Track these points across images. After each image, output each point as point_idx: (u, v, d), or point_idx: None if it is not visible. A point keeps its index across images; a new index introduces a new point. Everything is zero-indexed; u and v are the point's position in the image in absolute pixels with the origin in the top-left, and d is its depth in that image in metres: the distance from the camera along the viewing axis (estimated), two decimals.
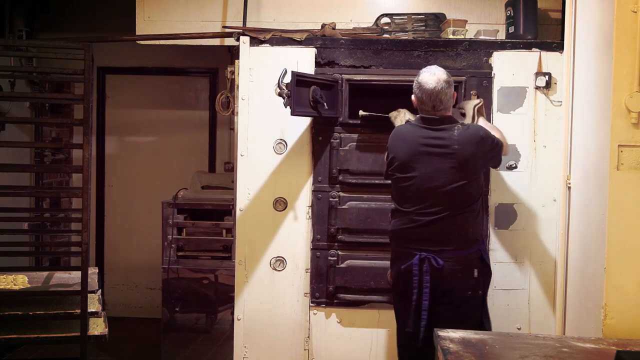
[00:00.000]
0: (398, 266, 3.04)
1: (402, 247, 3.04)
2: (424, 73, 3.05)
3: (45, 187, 5.39)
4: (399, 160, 3.03)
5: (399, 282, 3.06)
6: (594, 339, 2.51)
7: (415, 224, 2.98)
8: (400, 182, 3.04)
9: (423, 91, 3.01)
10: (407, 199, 3.02)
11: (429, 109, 3.03)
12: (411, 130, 3.08)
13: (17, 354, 4.65)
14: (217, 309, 4.53)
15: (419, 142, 3.01)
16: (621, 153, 2.62)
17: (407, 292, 2.99)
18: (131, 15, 4.15)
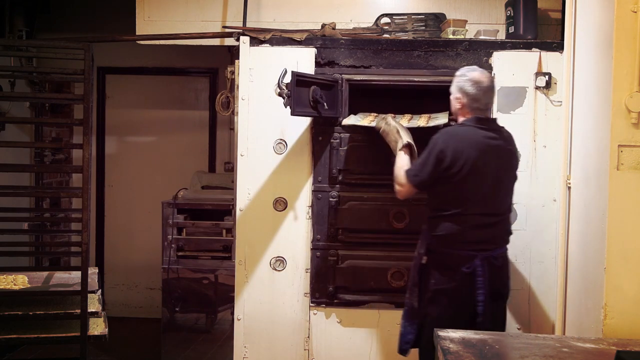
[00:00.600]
0: (453, 270, 2.94)
1: (456, 250, 2.94)
2: (474, 71, 3.03)
3: (45, 187, 5.39)
4: (467, 162, 2.89)
5: (455, 287, 2.95)
6: (594, 339, 2.51)
7: (477, 225, 2.94)
8: (464, 184, 2.91)
9: (480, 88, 2.98)
10: (471, 201, 2.93)
11: (482, 108, 3.00)
12: (472, 132, 2.97)
13: (17, 354, 4.66)
14: (217, 309, 4.53)
15: (484, 143, 2.96)
16: (621, 153, 2.62)
17: (462, 296, 2.94)
18: (131, 15, 4.15)
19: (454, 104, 3.08)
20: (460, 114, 3.07)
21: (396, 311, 3.49)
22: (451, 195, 2.95)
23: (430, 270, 3.00)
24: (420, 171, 2.94)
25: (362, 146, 3.48)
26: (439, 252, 2.98)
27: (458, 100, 3.03)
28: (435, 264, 2.99)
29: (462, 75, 3.04)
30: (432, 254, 3.00)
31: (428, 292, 2.99)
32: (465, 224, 2.93)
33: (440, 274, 2.96)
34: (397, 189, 3.02)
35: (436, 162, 2.90)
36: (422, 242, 3.05)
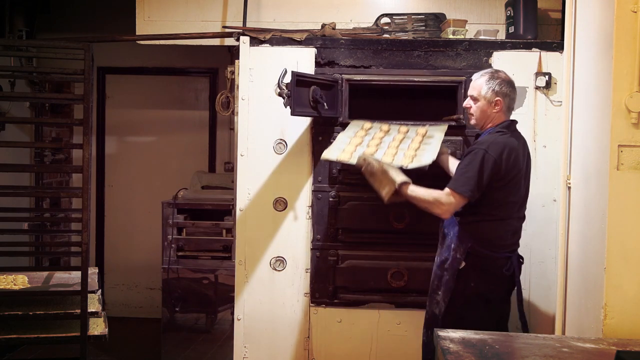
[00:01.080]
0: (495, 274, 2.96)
1: (496, 253, 2.96)
2: (501, 72, 3.02)
3: (45, 187, 5.39)
4: (518, 171, 2.96)
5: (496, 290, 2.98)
6: (594, 339, 2.51)
7: (514, 228, 3.02)
8: (510, 190, 2.95)
9: (514, 89, 3.02)
10: (512, 206, 2.99)
11: (513, 108, 3.03)
12: (514, 139, 2.98)
13: (17, 354, 4.66)
14: (217, 309, 4.53)
15: (523, 149, 3.01)
16: (621, 153, 2.62)
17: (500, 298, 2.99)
18: (131, 15, 4.15)
19: (485, 110, 3.00)
20: (491, 118, 3.01)
21: (396, 311, 3.50)
22: (496, 201, 2.94)
23: (469, 274, 2.94)
24: (471, 182, 2.86)
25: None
26: (479, 256, 2.94)
27: (497, 103, 2.98)
28: (474, 267, 2.94)
29: (493, 77, 2.99)
30: (470, 258, 2.94)
31: (463, 297, 2.95)
32: (506, 228, 2.98)
33: (481, 278, 2.94)
34: (443, 209, 2.89)
35: (490, 173, 2.86)
36: (457, 246, 2.96)
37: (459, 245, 2.96)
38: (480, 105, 3.01)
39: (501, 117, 3.01)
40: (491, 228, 2.96)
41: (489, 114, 3.01)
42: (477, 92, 3.02)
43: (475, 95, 3.03)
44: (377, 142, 3.23)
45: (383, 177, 2.94)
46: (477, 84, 3.03)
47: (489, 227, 2.96)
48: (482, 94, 3.00)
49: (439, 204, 2.88)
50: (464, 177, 2.89)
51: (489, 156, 2.86)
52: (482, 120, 3.04)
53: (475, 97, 3.03)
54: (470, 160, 2.89)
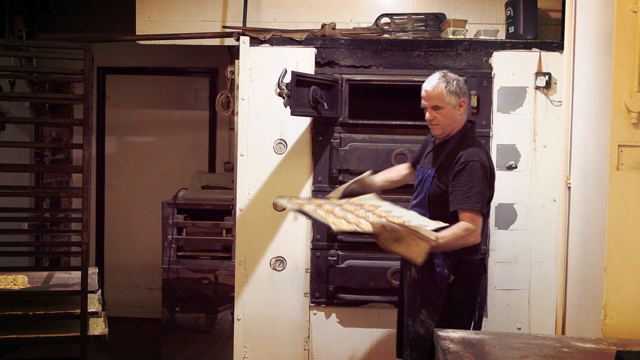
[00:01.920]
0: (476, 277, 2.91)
1: (478, 256, 2.91)
2: (449, 73, 2.94)
3: (45, 187, 5.39)
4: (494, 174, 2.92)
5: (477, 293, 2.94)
6: (594, 339, 2.51)
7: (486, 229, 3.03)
8: (493, 188, 2.92)
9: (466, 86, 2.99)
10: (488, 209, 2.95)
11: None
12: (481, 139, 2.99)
13: (17, 354, 4.65)
14: (217, 309, 4.53)
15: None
16: (621, 153, 2.62)
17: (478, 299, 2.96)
18: (131, 15, 4.15)
19: (452, 115, 2.89)
20: (457, 122, 2.91)
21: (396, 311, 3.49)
22: (485, 211, 2.88)
23: (455, 283, 2.84)
24: (482, 197, 2.78)
25: (362, 146, 3.48)
26: (466, 264, 2.85)
27: (461, 104, 2.90)
28: (461, 276, 2.85)
29: (448, 80, 2.88)
30: (459, 269, 2.84)
31: (451, 308, 2.85)
32: (485, 230, 2.98)
33: (466, 284, 2.86)
34: (476, 235, 2.75)
35: (490, 182, 2.85)
36: (442, 261, 2.82)
37: (445, 260, 2.82)
38: (446, 112, 2.88)
39: (464, 117, 2.94)
40: (477, 235, 2.82)
41: (455, 118, 2.90)
42: (439, 100, 2.87)
43: (438, 104, 2.88)
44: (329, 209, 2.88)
45: (411, 240, 2.59)
46: (435, 92, 2.88)
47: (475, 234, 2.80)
48: (446, 100, 2.86)
49: (472, 233, 2.73)
50: (474, 194, 2.75)
51: (484, 167, 2.81)
52: (449, 127, 2.91)
53: (438, 106, 2.88)
54: (470, 176, 2.77)
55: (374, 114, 3.52)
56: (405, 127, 3.49)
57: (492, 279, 3.48)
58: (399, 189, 3.29)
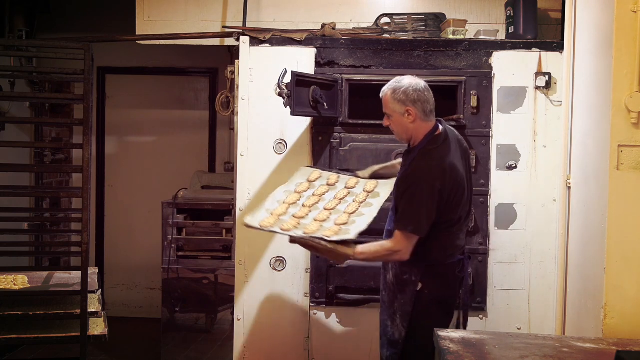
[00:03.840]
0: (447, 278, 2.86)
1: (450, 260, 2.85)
2: (403, 79, 2.82)
3: (45, 187, 5.39)
4: (460, 184, 2.78)
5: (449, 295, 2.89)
6: (594, 339, 2.51)
7: (463, 231, 2.90)
8: (457, 202, 2.78)
9: (421, 88, 2.78)
10: (460, 211, 2.82)
11: (433, 108, 2.82)
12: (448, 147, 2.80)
13: (17, 354, 4.66)
14: (217, 309, 4.53)
15: (460, 152, 2.87)
16: (621, 153, 2.62)
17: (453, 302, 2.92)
18: (131, 15, 4.15)
19: (402, 123, 2.80)
20: (413, 131, 2.81)
21: None
22: (447, 220, 2.78)
23: (425, 286, 2.82)
24: (418, 218, 2.69)
25: (362, 146, 3.48)
26: (435, 269, 2.81)
27: (407, 113, 2.76)
28: (430, 279, 2.81)
29: (396, 88, 2.78)
30: (427, 275, 2.81)
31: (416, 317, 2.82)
32: (456, 234, 2.86)
33: (436, 285, 2.82)
34: (400, 255, 2.72)
35: (437, 201, 2.69)
36: (409, 269, 2.81)
37: (413, 268, 2.80)
38: (395, 119, 2.82)
39: (421, 125, 2.78)
40: (446, 240, 2.82)
41: (406, 126, 2.80)
42: (387, 107, 2.83)
43: (387, 112, 2.84)
44: (313, 202, 3.03)
45: (330, 254, 2.77)
46: (384, 99, 2.83)
47: (443, 241, 2.81)
48: (392, 107, 2.80)
49: (394, 253, 2.73)
50: (410, 214, 2.70)
51: (432, 187, 2.67)
52: (405, 135, 2.84)
53: (388, 114, 2.84)
54: (411, 195, 2.70)
55: (374, 114, 3.51)
56: None
57: (492, 279, 3.49)
58: None
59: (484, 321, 3.49)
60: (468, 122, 3.45)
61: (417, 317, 2.82)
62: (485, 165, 3.47)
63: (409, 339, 2.84)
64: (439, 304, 2.85)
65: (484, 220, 3.47)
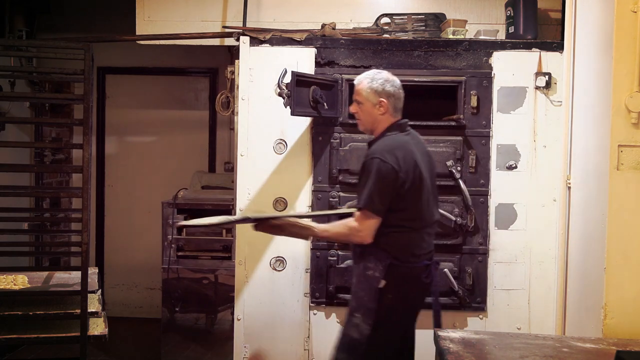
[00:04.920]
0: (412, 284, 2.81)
1: (415, 263, 2.81)
2: (382, 72, 2.86)
3: (45, 187, 5.39)
4: (417, 173, 2.75)
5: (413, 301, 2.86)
6: (594, 339, 2.52)
7: (427, 234, 2.84)
8: (416, 196, 2.76)
9: (398, 86, 2.83)
10: (422, 211, 2.80)
11: (401, 108, 2.86)
12: (409, 139, 2.83)
13: (17, 354, 4.66)
14: (217, 309, 4.53)
15: (421, 150, 2.85)
16: (621, 153, 2.62)
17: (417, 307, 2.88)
18: (131, 15, 4.15)
19: (372, 113, 2.83)
20: (379, 123, 2.84)
21: None
22: (406, 208, 2.76)
23: (389, 288, 2.77)
24: (375, 197, 2.69)
25: (362, 146, 3.48)
26: (400, 269, 2.76)
27: (381, 104, 2.80)
28: (395, 281, 2.77)
29: (374, 78, 2.82)
30: (390, 273, 2.76)
31: (385, 314, 2.78)
32: (420, 235, 2.80)
33: (400, 291, 2.78)
34: (362, 235, 2.73)
35: (392, 181, 2.69)
36: (374, 264, 2.78)
37: (377, 264, 2.77)
38: (365, 108, 2.84)
39: (389, 119, 2.83)
40: (409, 238, 2.78)
41: (375, 117, 2.83)
42: (360, 95, 2.85)
43: (359, 99, 2.86)
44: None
45: (294, 229, 2.84)
46: (359, 87, 2.85)
47: (405, 237, 2.78)
48: (365, 96, 2.83)
49: (356, 233, 2.74)
50: (370, 195, 2.70)
51: (385, 164, 2.69)
52: (370, 125, 2.87)
53: (359, 101, 2.86)
54: (367, 175, 2.72)
55: None
56: None
57: (492, 279, 3.49)
58: None
59: (484, 321, 3.49)
60: (468, 122, 3.45)
61: (380, 317, 2.77)
62: (485, 165, 3.47)
63: (370, 341, 2.77)
64: (401, 309, 2.80)
65: (484, 220, 3.47)
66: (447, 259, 3.46)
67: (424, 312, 3.46)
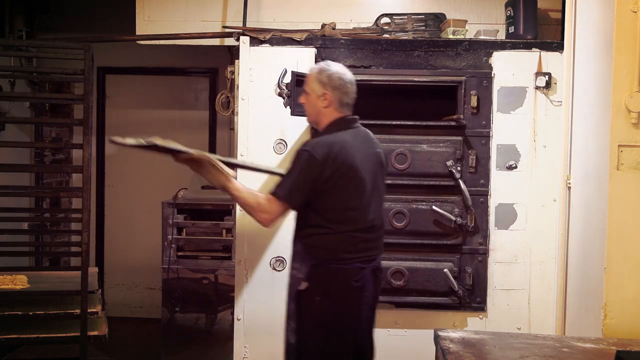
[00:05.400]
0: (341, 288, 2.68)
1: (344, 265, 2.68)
2: (332, 64, 2.77)
3: (45, 187, 5.39)
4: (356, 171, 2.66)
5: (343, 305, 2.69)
6: (594, 339, 2.52)
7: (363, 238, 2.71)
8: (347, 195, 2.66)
9: (347, 80, 2.73)
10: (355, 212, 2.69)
11: (350, 103, 2.76)
12: (348, 137, 2.71)
13: (17, 354, 4.66)
14: (217, 309, 4.53)
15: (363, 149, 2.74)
16: (621, 153, 2.63)
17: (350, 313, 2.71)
18: (131, 15, 4.15)
19: (316, 105, 2.75)
20: (323, 116, 2.76)
21: (396, 311, 3.50)
22: (332, 210, 2.68)
23: (314, 291, 2.69)
24: (292, 187, 2.64)
25: None
26: (324, 271, 2.68)
27: (324, 97, 2.71)
28: (319, 284, 2.68)
29: (323, 70, 2.74)
30: (314, 276, 2.69)
31: (307, 321, 2.70)
32: (350, 237, 2.68)
33: (326, 295, 2.67)
34: (264, 217, 2.71)
35: (314, 175, 2.61)
36: (299, 265, 2.74)
37: (302, 265, 2.72)
38: (310, 99, 2.76)
39: (333, 113, 2.73)
40: (336, 239, 2.67)
41: (318, 109, 2.75)
42: (308, 85, 2.77)
43: (306, 89, 2.78)
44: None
45: (207, 167, 2.84)
46: (308, 77, 2.79)
47: (331, 239, 2.68)
48: (312, 86, 2.75)
49: (260, 211, 2.70)
50: (285, 181, 2.67)
51: (312, 157, 2.60)
52: (314, 117, 2.80)
53: (306, 91, 2.78)
54: (292, 164, 2.67)
55: (374, 114, 3.51)
56: (405, 127, 3.49)
57: (492, 279, 3.48)
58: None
59: (484, 321, 3.49)
60: (468, 122, 3.45)
61: (305, 324, 2.70)
62: (485, 165, 3.47)
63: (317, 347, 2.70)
64: (333, 314, 2.68)
65: (484, 220, 3.47)
66: (447, 259, 3.46)
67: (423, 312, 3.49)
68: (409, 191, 3.44)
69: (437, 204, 3.42)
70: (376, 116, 3.50)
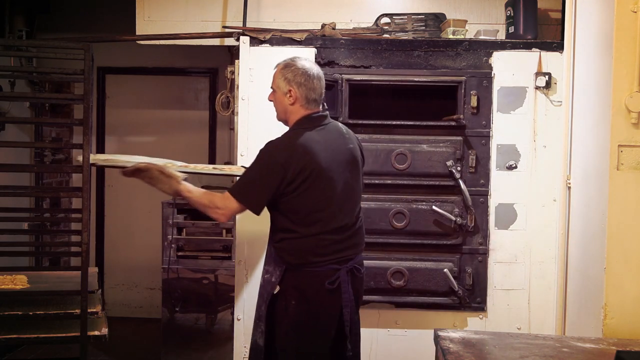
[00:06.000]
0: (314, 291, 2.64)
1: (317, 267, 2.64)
2: (299, 59, 2.69)
3: (45, 187, 5.39)
4: (315, 172, 2.58)
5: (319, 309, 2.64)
6: (594, 339, 2.52)
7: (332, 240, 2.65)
8: (314, 196, 2.60)
9: (313, 76, 2.65)
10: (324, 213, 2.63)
11: (318, 99, 2.69)
12: (314, 135, 2.64)
13: (17, 354, 4.66)
14: (217, 309, 4.53)
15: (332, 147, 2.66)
16: (621, 153, 2.63)
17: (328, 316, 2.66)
18: (131, 15, 4.15)
19: (282, 102, 2.68)
20: (290, 113, 2.70)
21: (396, 311, 3.50)
22: (299, 212, 2.63)
23: (286, 297, 2.67)
24: (249, 188, 2.62)
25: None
26: (297, 274, 2.65)
27: (290, 94, 2.65)
28: (292, 290, 2.66)
29: (288, 65, 2.67)
30: (286, 279, 2.67)
31: (284, 325, 2.67)
32: (321, 239, 2.63)
33: (301, 299, 2.63)
34: (219, 213, 2.67)
35: (276, 177, 2.55)
36: (273, 269, 2.71)
37: (275, 268, 2.70)
38: (277, 96, 2.71)
39: (300, 110, 2.67)
40: (306, 242, 2.63)
41: (285, 106, 2.69)
42: (274, 81, 2.71)
43: (273, 86, 2.72)
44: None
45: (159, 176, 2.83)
46: (274, 73, 2.72)
47: (301, 241, 2.63)
48: (277, 83, 2.69)
49: (215, 207, 2.67)
50: (243, 180, 2.66)
51: (272, 158, 2.57)
52: (282, 114, 2.74)
53: (273, 88, 2.73)
54: (252, 164, 2.63)
55: (374, 114, 3.52)
56: (405, 127, 3.49)
57: (492, 279, 3.49)
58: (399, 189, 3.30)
59: (484, 321, 3.49)
60: (468, 122, 3.45)
61: (281, 327, 2.67)
62: (485, 165, 3.47)
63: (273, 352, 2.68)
64: (315, 316, 2.63)
65: (484, 220, 3.47)
66: (447, 259, 3.46)
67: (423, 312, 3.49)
68: (409, 191, 3.44)
69: (437, 204, 3.42)
70: (376, 116, 3.50)
